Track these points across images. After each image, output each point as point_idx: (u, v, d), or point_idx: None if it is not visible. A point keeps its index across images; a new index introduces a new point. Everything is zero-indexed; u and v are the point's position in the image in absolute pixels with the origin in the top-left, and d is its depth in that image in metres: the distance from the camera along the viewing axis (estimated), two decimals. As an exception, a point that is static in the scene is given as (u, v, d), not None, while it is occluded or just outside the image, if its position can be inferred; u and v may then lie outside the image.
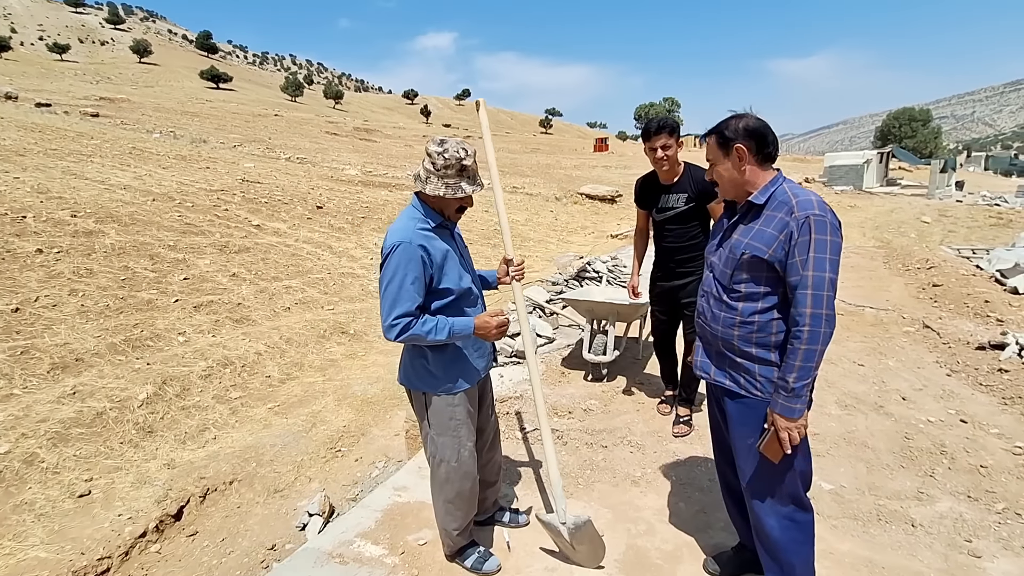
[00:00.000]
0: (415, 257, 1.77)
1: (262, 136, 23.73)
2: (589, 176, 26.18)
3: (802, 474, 1.74)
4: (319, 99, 68.47)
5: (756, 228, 1.67)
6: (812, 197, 1.63)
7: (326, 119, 39.30)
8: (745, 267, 1.68)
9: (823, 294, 1.53)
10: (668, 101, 72.04)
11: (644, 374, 3.91)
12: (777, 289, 1.65)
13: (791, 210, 1.59)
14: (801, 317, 1.55)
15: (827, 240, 1.55)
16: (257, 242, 8.61)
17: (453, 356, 1.93)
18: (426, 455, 2.05)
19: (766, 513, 1.75)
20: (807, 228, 1.56)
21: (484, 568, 2.06)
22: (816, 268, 1.54)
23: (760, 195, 1.67)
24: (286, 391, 5.23)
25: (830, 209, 1.61)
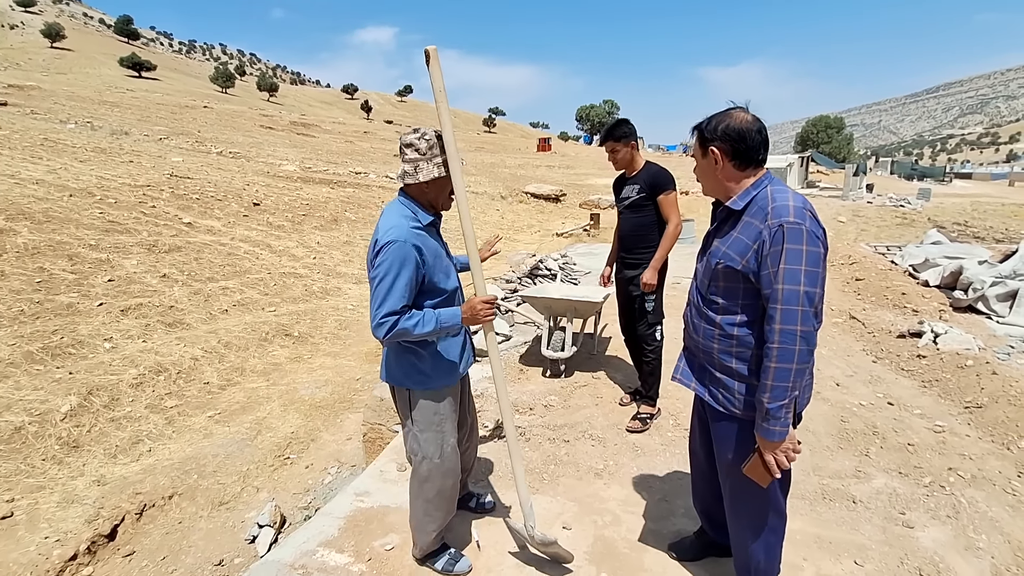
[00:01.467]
0: (409, 257, 1.74)
1: (191, 129, 22.36)
2: (533, 175, 26.46)
3: (782, 488, 1.71)
4: (252, 91, 65.27)
5: (733, 236, 1.57)
6: (791, 202, 1.49)
7: (260, 112, 37.52)
8: (721, 277, 1.59)
9: (796, 309, 1.41)
10: (608, 103, 73.85)
11: (601, 369, 3.99)
12: (756, 301, 1.54)
13: (766, 216, 1.49)
14: (771, 333, 1.44)
15: (802, 250, 1.43)
16: (189, 241, 8.11)
17: (443, 353, 1.91)
18: (407, 453, 2.02)
19: (743, 527, 1.75)
20: (780, 237, 1.44)
21: (455, 570, 2.04)
22: (787, 281, 1.42)
23: (739, 200, 1.57)
24: (227, 398, 4.97)
25: (811, 216, 1.48)
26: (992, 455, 2.77)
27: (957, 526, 2.30)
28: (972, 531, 2.26)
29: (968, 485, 2.56)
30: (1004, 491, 2.51)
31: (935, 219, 17.34)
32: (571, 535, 2.26)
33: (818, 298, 1.45)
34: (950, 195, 28.51)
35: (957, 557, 2.13)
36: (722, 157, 1.57)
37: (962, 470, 2.65)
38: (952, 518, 2.34)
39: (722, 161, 1.57)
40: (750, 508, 1.72)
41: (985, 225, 15.83)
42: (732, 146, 1.56)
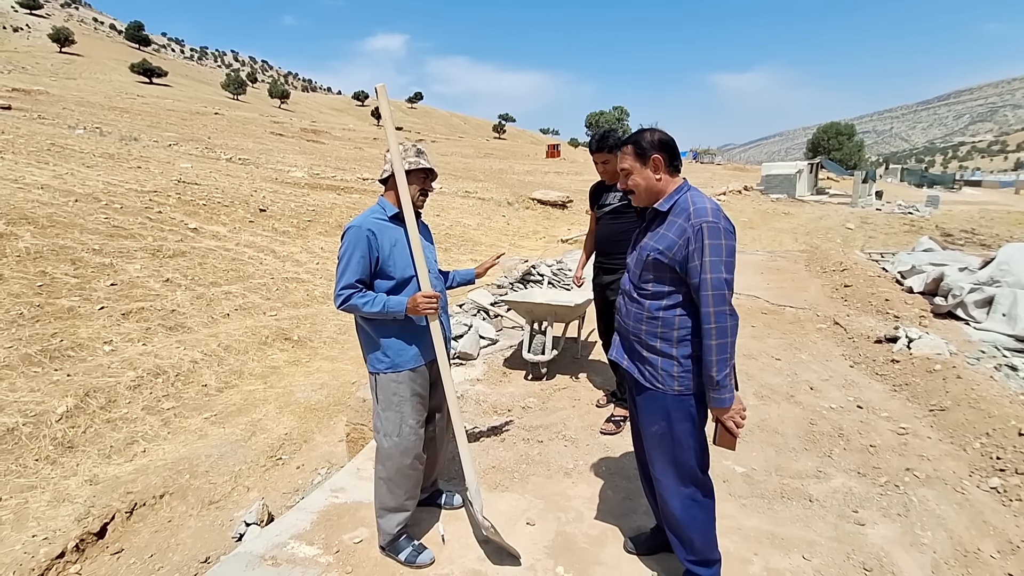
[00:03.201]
0: (361, 238, 2.04)
1: (201, 135, 22.76)
2: (541, 182, 26.59)
3: (699, 457, 1.89)
4: (263, 98, 66.18)
5: (660, 232, 1.82)
6: (708, 204, 1.76)
7: (271, 119, 38.06)
8: (651, 268, 1.82)
9: (722, 293, 1.68)
10: (618, 110, 73.90)
11: (583, 372, 4.08)
12: (680, 288, 1.79)
13: (688, 217, 1.74)
14: (707, 316, 1.69)
15: (721, 244, 1.70)
16: (194, 246, 8.31)
17: (396, 336, 2.14)
18: (374, 436, 2.21)
19: (670, 495, 1.90)
20: (701, 234, 1.70)
21: (418, 561, 2.15)
22: (712, 271, 1.69)
23: (665, 203, 1.83)
24: (224, 400, 5.11)
25: (724, 215, 1.76)
26: (949, 456, 2.84)
27: (906, 523, 2.38)
28: (919, 528, 2.34)
29: (922, 484, 2.63)
30: (954, 490, 2.58)
31: (943, 226, 17.25)
32: (534, 531, 2.36)
33: (731, 283, 1.73)
34: (959, 202, 28.27)
35: (902, 552, 2.21)
36: (663, 163, 1.82)
37: (918, 470, 2.72)
38: (902, 516, 2.42)
39: (663, 166, 1.82)
40: (673, 476, 1.89)
41: (992, 232, 15.74)
42: (667, 155, 1.83)
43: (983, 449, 2.84)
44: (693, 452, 1.86)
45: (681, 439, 1.84)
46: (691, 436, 1.84)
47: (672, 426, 1.84)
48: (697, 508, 1.90)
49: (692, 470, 1.87)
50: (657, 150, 1.82)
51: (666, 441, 1.87)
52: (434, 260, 2.31)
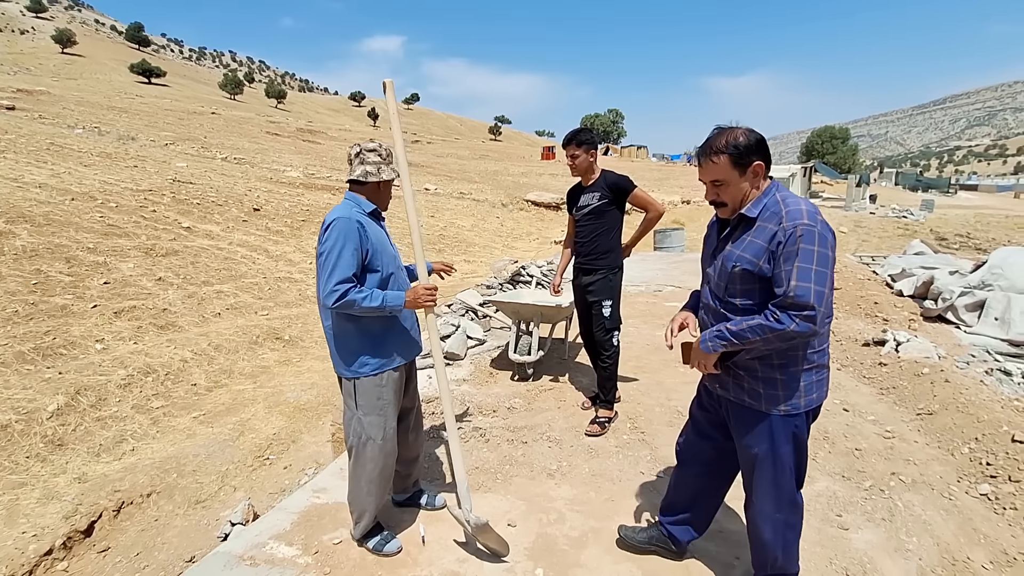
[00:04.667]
0: (352, 229, 1.96)
1: (197, 135, 22.71)
2: (536, 183, 26.61)
3: (798, 478, 1.79)
4: (260, 98, 66.12)
5: (748, 240, 1.64)
6: (803, 206, 1.57)
7: (267, 119, 38.02)
8: (738, 280, 1.66)
9: (807, 303, 1.49)
10: (613, 112, 74.05)
11: (569, 373, 4.08)
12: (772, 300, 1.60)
13: (780, 220, 1.56)
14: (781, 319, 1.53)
15: (814, 251, 1.50)
16: (187, 245, 8.29)
17: (384, 336, 2.08)
18: (348, 441, 2.15)
19: (763, 519, 1.82)
20: (794, 239, 1.51)
21: (385, 549, 2.18)
22: (800, 279, 1.49)
23: (753, 207, 1.64)
24: (213, 399, 5.09)
25: (822, 219, 1.55)
26: (936, 460, 2.84)
27: (890, 528, 2.37)
28: (904, 533, 2.34)
29: (907, 489, 2.63)
30: (941, 495, 2.58)
31: (937, 230, 17.33)
32: (515, 532, 2.35)
33: (827, 298, 1.52)
34: (954, 207, 28.40)
35: (886, 558, 2.20)
36: (763, 170, 1.64)
37: (904, 475, 2.72)
38: (887, 520, 2.41)
39: (762, 175, 1.64)
40: (769, 501, 1.79)
41: (988, 237, 15.81)
42: (767, 156, 1.64)
43: (972, 454, 2.84)
44: (793, 474, 1.76)
45: (784, 461, 1.73)
46: (792, 456, 1.73)
47: (776, 448, 1.72)
48: (788, 530, 1.82)
49: (791, 494, 1.78)
50: (757, 155, 1.61)
51: (767, 463, 1.75)
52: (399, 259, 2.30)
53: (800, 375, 1.66)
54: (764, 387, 1.69)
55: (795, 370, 1.65)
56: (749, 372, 1.71)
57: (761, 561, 1.90)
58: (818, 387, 1.70)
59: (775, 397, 1.68)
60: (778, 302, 1.53)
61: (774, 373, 1.66)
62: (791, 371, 1.66)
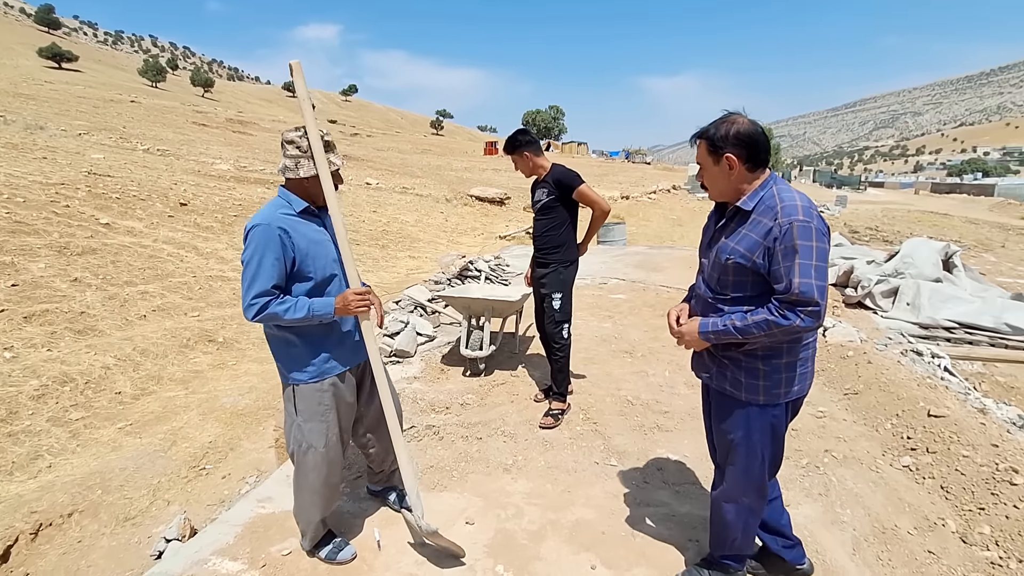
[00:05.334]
0: (273, 237, 1.80)
1: (115, 124, 21.06)
2: (479, 179, 26.49)
3: (769, 468, 1.82)
4: (185, 86, 62.15)
5: (742, 233, 1.64)
6: (798, 201, 1.57)
7: (193, 108, 35.77)
8: (731, 272, 1.66)
9: (811, 298, 1.51)
10: (553, 109, 74.86)
11: (521, 367, 4.08)
12: (764, 294, 1.62)
13: (775, 215, 1.56)
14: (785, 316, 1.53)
15: (812, 246, 1.52)
16: (106, 243, 7.67)
17: (320, 342, 1.96)
18: (288, 449, 2.03)
19: (727, 500, 1.86)
20: (790, 234, 1.52)
21: (338, 558, 2.10)
22: (802, 274, 1.50)
23: (748, 200, 1.64)
24: (140, 408, 4.75)
25: (818, 214, 1.57)
26: (863, 437, 3.05)
27: (826, 502, 2.53)
28: (839, 506, 2.50)
29: (840, 465, 2.82)
30: (870, 469, 2.78)
31: (850, 224, 18.66)
32: (473, 529, 2.33)
33: (827, 292, 1.54)
34: (864, 202, 30.72)
35: (823, 531, 2.35)
36: (737, 162, 1.62)
37: (836, 451, 2.91)
38: (823, 495, 2.57)
39: (737, 166, 1.62)
40: (738, 487, 1.83)
41: (893, 229, 17.19)
42: (746, 151, 1.61)
43: (894, 430, 3.07)
44: (765, 464, 1.79)
45: (757, 450, 1.76)
46: (768, 447, 1.77)
47: (750, 436, 1.75)
48: (749, 515, 1.86)
49: (759, 481, 1.81)
50: (731, 147, 1.61)
51: (740, 451, 1.78)
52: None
53: (782, 367, 1.68)
54: (746, 376, 1.71)
55: (778, 362, 1.68)
56: (733, 362, 1.73)
57: (720, 541, 1.94)
58: (800, 379, 1.72)
59: (755, 387, 1.70)
60: (783, 298, 1.54)
61: (757, 364, 1.69)
62: (774, 363, 1.68)
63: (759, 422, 1.73)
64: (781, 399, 1.71)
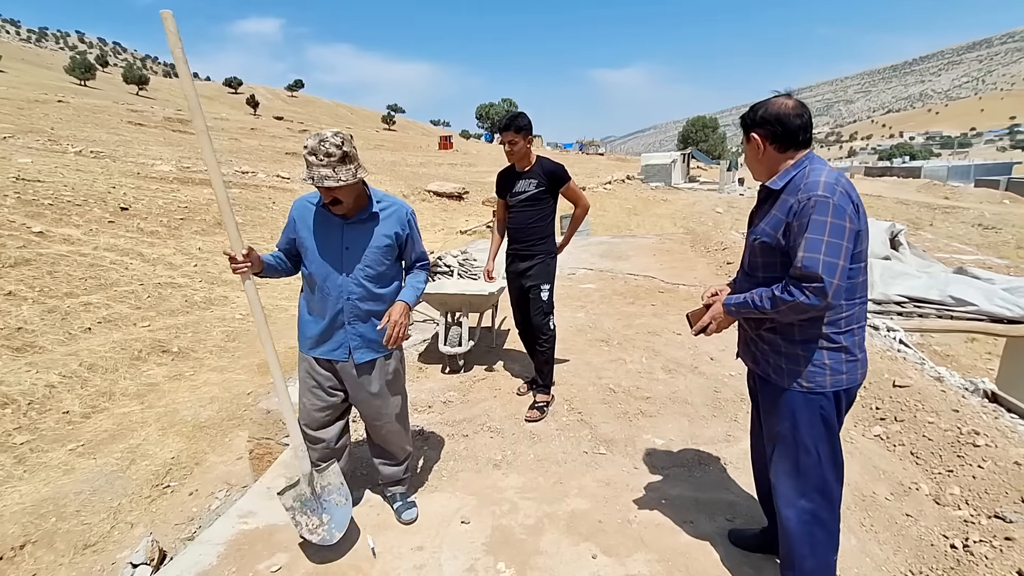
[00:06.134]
0: (292, 210, 2.13)
1: (42, 126, 19.60)
2: (436, 174, 26.13)
3: (830, 467, 1.67)
4: (117, 84, 58.44)
5: (771, 213, 1.63)
6: (823, 177, 1.53)
7: (128, 107, 33.71)
8: (759, 252, 1.67)
9: (815, 274, 1.46)
10: (506, 102, 74.79)
11: (500, 361, 4.04)
12: None
13: (798, 192, 1.55)
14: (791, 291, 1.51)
15: (826, 221, 1.47)
16: (41, 252, 7.14)
17: (301, 321, 2.19)
18: None
19: (785, 504, 1.71)
20: (806, 210, 1.49)
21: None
22: (808, 249, 1.47)
23: (778, 180, 1.63)
24: (92, 427, 4.45)
25: (842, 191, 1.50)
26: (836, 411, 3.16)
27: (808, 476, 2.59)
28: (820, 479, 2.57)
29: (817, 439, 2.90)
30: (844, 440, 2.84)
31: (797, 207, 19.43)
32: (470, 528, 2.28)
33: (839, 271, 1.46)
34: (808, 185, 31.96)
35: (808, 503, 2.41)
36: (762, 142, 1.63)
37: (812, 426, 3.00)
38: (804, 469, 2.64)
39: (763, 146, 1.63)
40: (791, 485, 1.69)
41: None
42: (770, 130, 1.61)
43: (863, 401, 3.19)
44: (820, 460, 1.66)
45: (807, 443, 1.65)
46: (821, 441, 1.65)
47: (798, 428, 1.65)
48: (817, 526, 1.68)
49: (817, 480, 1.67)
50: (758, 127, 1.63)
51: (788, 443, 1.68)
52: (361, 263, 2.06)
53: (822, 353, 1.61)
54: (787, 362, 1.66)
55: (814, 347, 1.62)
56: (772, 347, 1.70)
57: (788, 561, 1.75)
58: (848, 368, 1.63)
59: (795, 372, 1.64)
60: (791, 273, 1.52)
61: (795, 348, 1.64)
62: (811, 347, 1.62)
63: (805, 412, 1.64)
64: (827, 387, 1.62)
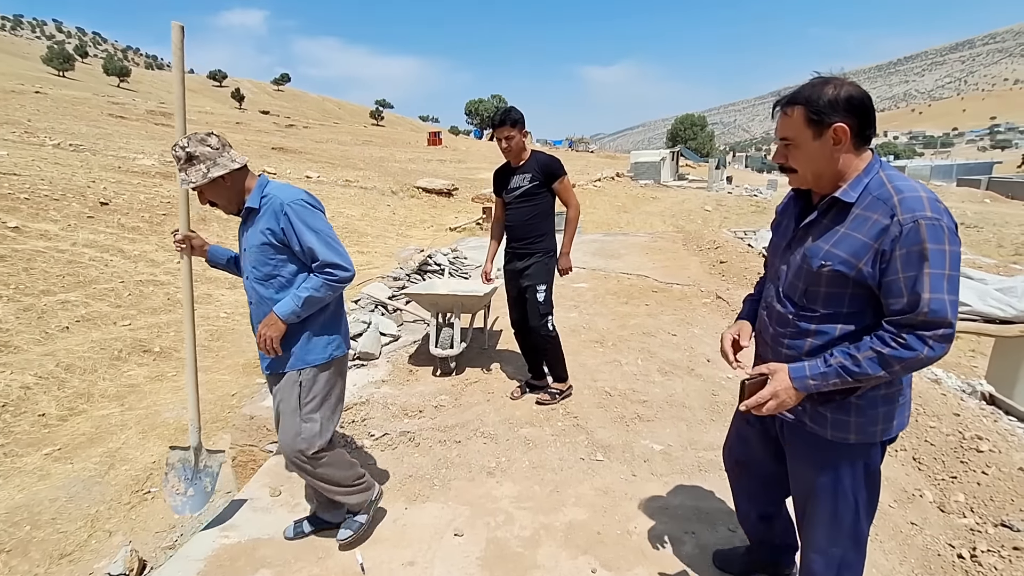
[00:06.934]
0: None
1: (18, 117, 19.10)
2: (425, 170, 25.93)
3: (865, 513, 1.48)
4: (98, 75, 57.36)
5: (841, 232, 1.29)
6: (920, 192, 1.23)
7: (109, 99, 33.04)
8: (824, 282, 1.31)
9: (945, 320, 1.19)
10: (496, 98, 74.50)
11: (493, 363, 3.95)
12: (866, 310, 1.29)
13: (892, 211, 1.22)
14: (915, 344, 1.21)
15: (944, 251, 1.18)
16: (16, 248, 6.91)
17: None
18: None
19: (816, 551, 1.53)
20: (916, 236, 1.18)
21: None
22: (933, 289, 1.17)
23: (850, 190, 1.29)
24: (69, 430, 4.29)
25: (944, 208, 1.22)
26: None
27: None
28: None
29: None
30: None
31: (784, 206, 19.58)
32: (463, 541, 2.19)
33: (956, 305, 1.22)
34: (795, 184, 32.30)
35: (810, 511, 2.35)
36: (848, 136, 1.26)
37: (812, 431, 2.95)
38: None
39: (847, 139, 1.27)
40: (824, 535, 1.51)
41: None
42: (859, 121, 1.26)
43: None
44: (858, 507, 1.46)
45: (848, 493, 1.44)
46: (860, 488, 1.44)
47: (840, 480, 1.42)
48: (845, 569, 1.53)
49: (851, 527, 1.48)
50: (843, 114, 1.25)
51: (827, 496, 1.46)
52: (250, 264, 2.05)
53: (879, 400, 1.34)
54: (833, 412, 1.36)
55: (874, 395, 1.32)
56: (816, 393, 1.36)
57: None
58: (900, 412, 1.39)
59: (844, 424, 1.36)
60: (904, 320, 1.21)
61: (848, 398, 1.34)
62: (869, 396, 1.32)
63: (849, 465, 1.40)
64: (878, 437, 1.37)
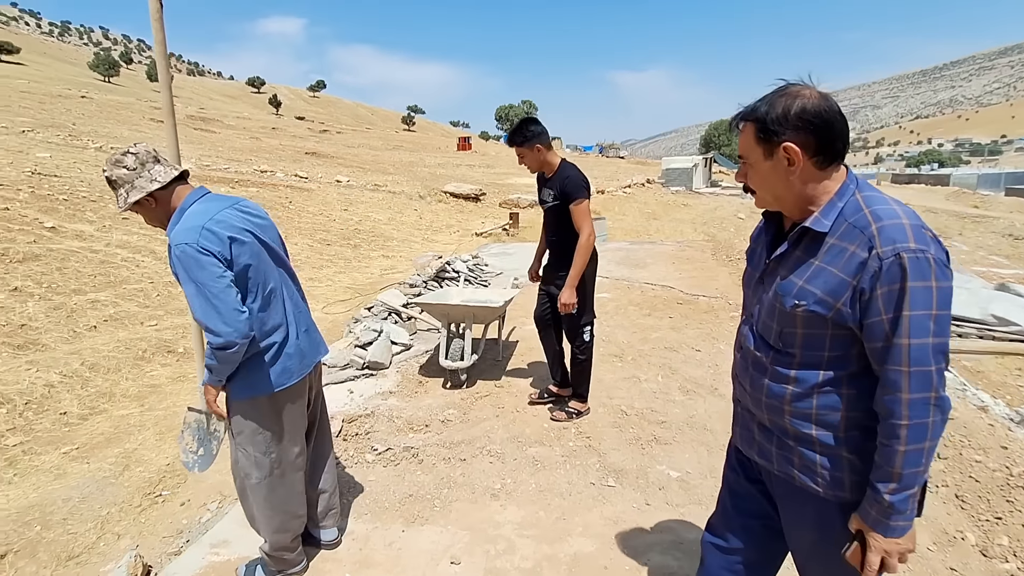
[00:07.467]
0: None
1: (64, 121, 19.96)
2: (453, 175, 26.09)
3: None
4: (141, 81, 59.78)
5: (815, 266, 1.12)
6: (902, 219, 1.06)
7: (151, 104, 34.30)
8: (800, 323, 1.15)
9: (929, 370, 1.03)
10: (526, 104, 74.75)
11: (505, 376, 3.84)
12: (849, 351, 1.13)
13: (870, 242, 1.05)
14: (896, 405, 1.04)
15: (931, 288, 1.02)
16: (52, 248, 7.13)
17: None
18: None
19: None
20: (898, 272, 1.03)
21: None
22: (915, 333, 1.03)
23: (823, 217, 1.12)
24: (89, 429, 4.35)
25: (932, 236, 1.06)
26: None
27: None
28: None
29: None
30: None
31: (821, 215, 18.94)
32: (460, 570, 2.08)
33: (947, 351, 1.06)
34: (833, 193, 31.31)
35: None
36: (801, 156, 1.09)
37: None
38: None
39: (800, 160, 1.10)
40: None
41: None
42: (815, 138, 1.08)
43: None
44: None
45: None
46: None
47: (836, 540, 1.22)
48: None
49: None
50: (793, 131, 1.08)
51: (819, 554, 1.30)
52: None
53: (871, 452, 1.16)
54: (829, 467, 1.18)
55: (872, 445, 1.13)
56: (802, 442, 1.20)
57: None
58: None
59: (838, 481, 1.18)
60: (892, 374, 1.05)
61: (840, 451, 1.16)
62: (868, 446, 1.14)
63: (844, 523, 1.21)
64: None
